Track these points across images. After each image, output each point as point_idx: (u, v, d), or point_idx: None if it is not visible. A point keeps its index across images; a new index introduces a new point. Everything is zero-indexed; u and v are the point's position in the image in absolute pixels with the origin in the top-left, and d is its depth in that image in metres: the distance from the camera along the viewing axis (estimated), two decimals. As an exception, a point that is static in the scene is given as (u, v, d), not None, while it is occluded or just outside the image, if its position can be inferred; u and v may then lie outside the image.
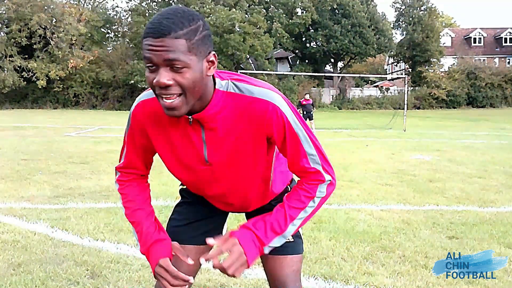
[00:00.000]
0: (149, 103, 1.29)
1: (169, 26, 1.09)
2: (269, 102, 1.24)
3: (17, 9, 29.48)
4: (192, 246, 1.51)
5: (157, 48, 1.09)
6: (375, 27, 37.11)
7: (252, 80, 1.29)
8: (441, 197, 5.02)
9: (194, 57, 1.12)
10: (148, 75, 1.14)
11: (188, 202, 1.59)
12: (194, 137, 1.28)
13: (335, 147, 10.29)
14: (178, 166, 1.38)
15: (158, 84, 1.10)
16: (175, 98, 1.13)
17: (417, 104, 36.60)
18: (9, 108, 29.97)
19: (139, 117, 1.32)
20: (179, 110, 1.15)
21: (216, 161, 1.32)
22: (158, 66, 1.10)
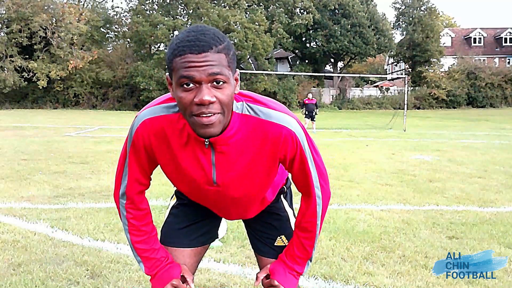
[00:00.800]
0: (155, 121, 1.25)
1: (209, 41, 1.08)
2: (285, 127, 1.25)
3: (18, 9, 29.46)
4: (189, 249, 1.52)
5: (201, 63, 1.07)
6: (375, 27, 37.10)
7: (267, 102, 1.28)
8: (441, 197, 5.01)
9: (230, 72, 1.13)
10: (183, 95, 1.10)
11: (184, 204, 1.58)
12: (203, 159, 1.26)
13: (335, 147, 10.29)
14: (183, 184, 1.38)
15: (202, 102, 1.07)
16: (214, 116, 1.11)
17: (417, 104, 36.59)
18: (9, 108, 29.95)
19: (144, 135, 1.27)
20: (216, 127, 1.13)
21: (225, 183, 1.32)
22: (200, 83, 1.08)
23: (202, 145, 1.23)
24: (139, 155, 1.32)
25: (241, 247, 3.26)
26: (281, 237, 1.56)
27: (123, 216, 1.43)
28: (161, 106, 1.27)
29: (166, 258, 1.45)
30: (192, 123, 1.14)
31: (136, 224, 1.41)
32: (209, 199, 1.41)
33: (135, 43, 33.76)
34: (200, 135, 1.17)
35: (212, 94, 1.09)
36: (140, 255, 1.43)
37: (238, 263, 2.96)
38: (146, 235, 1.42)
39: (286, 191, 1.63)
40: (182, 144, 1.25)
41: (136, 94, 31.87)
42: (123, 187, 1.39)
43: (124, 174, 1.37)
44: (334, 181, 5.88)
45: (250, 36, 31.10)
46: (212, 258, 3.03)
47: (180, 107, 1.14)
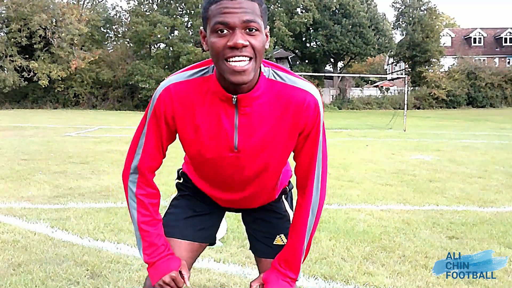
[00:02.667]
0: (179, 86, 1.26)
1: None
2: (310, 94, 1.26)
3: (17, 8, 29.45)
4: (187, 242, 1.49)
5: (235, 10, 1.10)
6: (375, 27, 37.10)
7: (291, 72, 1.30)
8: (441, 197, 5.01)
9: (262, 23, 1.15)
10: (216, 40, 1.12)
11: (186, 195, 1.56)
12: (225, 122, 1.26)
13: (335, 147, 10.29)
14: (202, 153, 1.33)
15: (236, 45, 1.09)
16: (247, 62, 1.12)
17: (417, 104, 36.60)
18: (9, 108, 29.95)
19: (167, 100, 1.26)
20: (248, 74, 1.14)
21: (246, 148, 1.30)
22: (233, 28, 1.10)
23: (226, 106, 1.23)
24: (159, 124, 1.30)
25: (241, 247, 3.26)
26: (280, 235, 1.55)
27: (131, 193, 1.38)
28: (185, 73, 1.28)
29: (167, 247, 1.41)
30: (224, 70, 1.14)
31: (146, 201, 1.37)
32: (226, 170, 1.36)
33: (134, 43, 33.77)
34: (232, 82, 1.16)
35: (245, 39, 1.11)
36: (143, 238, 1.38)
37: (238, 263, 2.96)
38: (152, 217, 1.38)
39: (288, 193, 1.63)
40: (206, 107, 1.25)
41: (137, 94, 31.89)
42: (136, 160, 1.35)
43: (139, 146, 1.34)
44: (334, 181, 5.88)
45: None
46: (212, 258, 3.03)
47: (213, 53, 1.14)
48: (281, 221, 1.57)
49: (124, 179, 1.40)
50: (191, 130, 1.29)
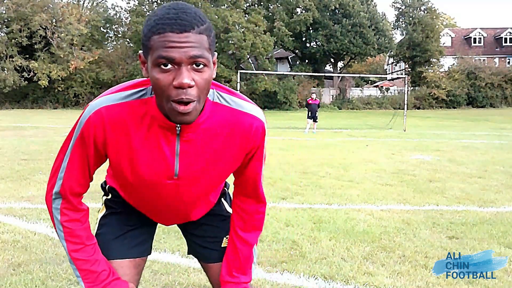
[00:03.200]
0: (113, 109, 1.14)
1: (191, 21, 1.02)
2: (257, 118, 1.23)
3: (17, 9, 29.48)
4: (128, 260, 1.40)
5: (182, 44, 1.00)
6: (375, 27, 37.11)
7: (235, 93, 1.25)
8: (441, 197, 5.01)
9: (210, 55, 1.07)
10: (160, 77, 1.02)
11: (115, 213, 1.45)
12: (166, 149, 1.18)
13: (335, 147, 10.29)
14: (137, 180, 1.24)
15: (181, 85, 1.01)
16: (190, 104, 1.04)
17: (417, 104, 36.61)
18: (9, 108, 29.97)
19: (98, 124, 1.14)
20: (191, 116, 1.07)
21: (187, 175, 1.23)
22: (179, 64, 1.01)
23: (167, 132, 1.15)
24: (85, 149, 1.18)
25: (241, 247, 3.25)
26: (227, 237, 1.50)
27: (56, 221, 1.25)
28: (119, 94, 1.16)
29: (110, 272, 1.29)
30: (167, 109, 1.06)
31: (73, 228, 1.25)
32: (161, 197, 1.29)
33: (134, 43, 33.77)
34: (175, 121, 1.10)
35: (191, 77, 1.02)
36: (79, 268, 1.25)
37: (238, 263, 2.96)
38: (84, 243, 1.26)
39: (226, 193, 1.58)
40: (143, 132, 1.16)
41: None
42: (58, 186, 1.23)
43: (61, 170, 1.22)
44: (334, 181, 5.89)
45: (248, 36, 31.09)
46: (212, 258, 3.02)
47: (156, 89, 1.05)
48: (226, 222, 1.51)
49: (48, 205, 1.27)
50: (125, 157, 1.19)
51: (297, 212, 4.29)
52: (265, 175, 5.31)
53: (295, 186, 5.56)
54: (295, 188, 5.40)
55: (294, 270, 2.85)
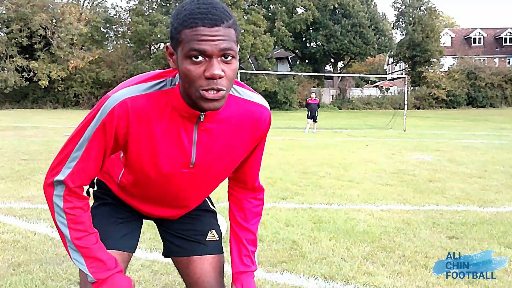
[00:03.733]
0: (136, 100, 1.17)
1: (221, 15, 1.07)
2: (265, 108, 1.31)
3: (17, 9, 29.49)
4: (117, 252, 1.37)
5: (213, 37, 1.05)
6: (375, 27, 37.11)
7: (243, 84, 1.31)
8: (441, 197, 5.01)
9: (237, 48, 1.12)
10: (192, 68, 1.07)
11: (105, 204, 1.45)
12: (184, 138, 1.22)
13: (335, 147, 10.29)
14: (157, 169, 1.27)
15: (213, 76, 1.06)
16: (220, 91, 1.10)
17: (417, 104, 36.62)
18: (9, 108, 29.97)
19: (123, 115, 1.16)
20: (220, 102, 1.11)
21: (202, 164, 1.28)
22: (210, 56, 1.06)
23: (186, 121, 1.20)
24: (105, 139, 1.18)
25: (241, 247, 3.26)
26: (212, 231, 1.52)
27: (58, 208, 1.22)
28: (141, 86, 1.19)
29: (115, 262, 1.27)
30: (196, 97, 1.10)
31: (77, 215, 1.23)
32: (175, 186, 1.32)
33: (134, 43, 33.77)
34: (202, 108, 1.13)
35: (221, 69, 1.07)
36: (85, 255, 1.23)
37: (238, 263, 2.96)
38: (87, 231, 1.24)
39: None
40: (164, 122, 1.20)
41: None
42: (64, 175, 1.20)
43: (71, 158, 1.20)
44: (334, 181, 5.89)
45: (248, 37, 31.09)
46: (212, 258, 3.02)
47: (187, 80, 1.09)
48: (211, 217, 1.56)
49: (48, 191, 1.23)
50: (146, 147, 1.22)
51: (297, 212, 4.29)
52: (265, 175, 5.35)
53: (295, 186, 5.56)
54: (295, 188, 5.40)
55: (294, 270, 2.85)
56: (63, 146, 1.23)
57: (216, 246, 1.52)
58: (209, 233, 1.51)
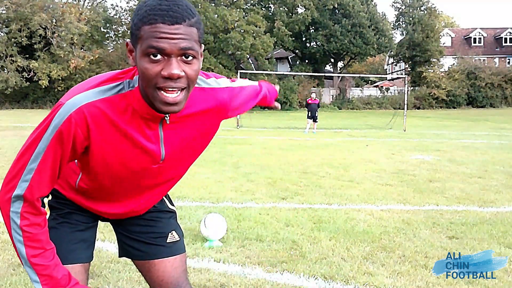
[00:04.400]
0: (94, 106, 1.12)
1: (182, 13, 1.03)
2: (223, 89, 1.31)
3: (17, 9, 29.47)
4: (79, 265, 1.36)
5: (173, 36, 1.01)
6: (375, 27, 37.11)
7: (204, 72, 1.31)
8: (441, 197, 5.01)
9: (199, 48, 1.09)
10: (149, 66, 1.03)
11: (61, 215, 1.39)
12: (150, 137, 1.20)
13: (335, 147, 10.29)
14: (122, 170, 1.25)
15: (171, 76, 1.02)
16: (179, 93, 1.07)
17: (417, 104, 36.61)
18: (9, 108, 29.96)
19: (80, 123, 1.11)
20: (180, 105, 1.09)
21: (171, 158, 1.27)
22: (169, 55, 1.03)
23: (149, 122, 1.17)
24: (62, 148, 1.13)
25: (241, 247, 3.26)
26: (172, 232, 1.49)
27: (14, 225, 1.16)
28: (96, 91, 1.14)
29: (69, 277, 1.23)
30: (154, 98, 1.07)
31: (34, 232, 1.17)
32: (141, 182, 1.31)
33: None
34: (161, 111, 1.11)
35: (181, 69, 1.04)
36: (39, 273, 1.18)
37: (238, 263, 2.96)
38: (44, 248, 1.20)
39: None
40: (126, 125, 1.16)
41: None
42: (22, 189, 1.14)
43: (27, 170, 1.14)
44: (334, 181, 5.89)
45: (248, 38, 31.10)
46: (212, 258, 3.03)
47: (144, 78, 1.06)
48: (170, 218, 1.53)
49: (3, 208, 1.17)
50: (111, 150, 1.19)
51: (297, 212, 4.29)
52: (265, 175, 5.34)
53: (295, 186, 5.56)
54: (295, 188, 5.40)
55: (294, 270, 2.85)
56: (17, 158, 1.16)
57: (177, 247, 1.49)
58: (169, 234, 1.49)
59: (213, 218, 3.37)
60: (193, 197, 4.78)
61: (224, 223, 3.38)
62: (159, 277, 1.45)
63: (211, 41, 31.36)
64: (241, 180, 5.87)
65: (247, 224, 3.81)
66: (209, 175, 6.18)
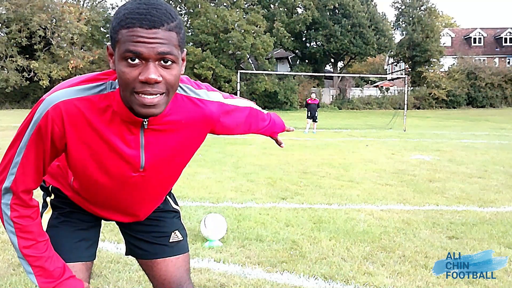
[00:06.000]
0: (71, 104, 1.11)
1: (161, 17, 1.01)
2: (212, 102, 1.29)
3: (17, 9, 29.46)
4: (80, 263, 1.36)
5: (151, 40, 1.00)
6: (375, 27, 37.10)
7: (191, 81, 1.28)
8: (441, 197, 5.02)
9: (180, 52, 1.08)
10: (126, 71, 1.02)
11: (64, 214, 1.40)
12: (130, 142, 1.18)
13: (335, 147, 10.29)
14: (100, 176, 1.23)
15: (148, 80, 1.01)
16: (158, 96, 1.05)
17: (417, 104, 36.60)
18: (9, 108, 29.95)
19: (57, 120, 1.11)
20: (159, 108, 1.07)
21: (153, 167, 1.24)
22: (147, 60, 1.01)
23: (130, 126, 1.15)
24: (43, 143, 1.14)
25: (241, 247, 3.26)
26: (175, 232, 1.50)
27: (6, 217, 1.20)
28: (76, 89, 1.13)
29: (63, 269, 1.25)
30: (132, 101, 1.05)
31: (25, 224, 1.20)
32: (125, 191, 1.28)
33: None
34: (140, 114, 1.09)
35: (159, 73, 1.02)
36: (32, 264, 1.21)
37: (238, 263, 2.96)
38: (36, 240, 1.21)
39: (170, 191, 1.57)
40: (105, 126, 1.14)
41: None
42: (9, 182, 1.17)
43: (13, 164, 1.16)
44: (334, 181, 5.89)
45: (248, 37, 31.10)
46: (212, 258, 3.03)
47: (121, 82, 1.05)
48: (174, 217, 1.53)
49: None
50: (86, 153, 1.17)
51: (297, 212, 4.29)
52: (265, 175, 5.35)
53: (295, 186, 5.56)
54: (295, 188, 5.40)
55: (294, 270, 2.85)
56: (6, 151, 1.19)
57: (180, 247, 1.49)
58: (172, 234, 1.49)
59: (213, 218, 3.37)
60: (193, 197, 4.78)
61: (224, 223, 3.38)
62: (161, 276, 1.46)
63: (212, 41, 31.34)
64: (241, 180, 5.87)
65: (247, 224, 3.81)
66: (209, 175, 6.18)
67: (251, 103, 1.53)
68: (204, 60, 29.92)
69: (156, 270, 1.47)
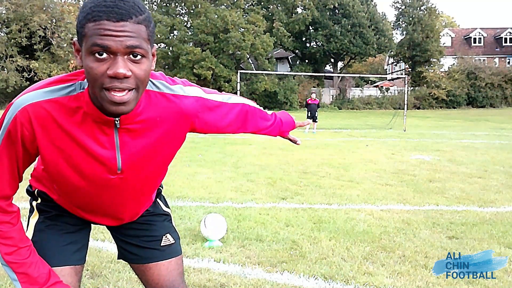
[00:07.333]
0: (39, 106, 1.09)
1: (129, 10, 0.98)
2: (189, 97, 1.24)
3: (16, 9, 29.45)
4: (69, 267, 1.33)
5: (118, 33, 0.97)
6: (375, 27, 37.12)
7: (164, 77, 1.24)
8: (441, 197, 5.01)
9: (149, 46, 1.05)
10: (94, 66, 0.98)
11: (51, 218, 1.36)
12: (104, 143, 1.14)
13: (335, 147, 10.29)
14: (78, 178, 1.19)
15: (116, 75, 0.98)
16: (128, 92, 1.02)
17: (417, 104, 36.61)
18: (9, 108, 29.95)
19: (25, 123, 1.09)
20: (129, 105, 1.04)
21: (130, 168, 1.20)
22: (115, 54, 0.98)
23: (103, 126, 1.11)
24: (14, 148, 1.12)
25: (241, 247, 3.26)
26: (166, 235, 1.48)
27: None
28: (44, 91, 1.11)
29: (48, 275, 1.22)
30: (102, 98, 1.02)
31: (4, 230, 1.17)
32: (106, 194, 1.25)
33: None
34: (110, 112, 1.05)
35: (128, 68, 0.99)
36: (15, 271, 1.18)
37: (238, 263, 2.96)
38: (17, 246, 1.19)
39: (160, 193, 1.55)
40: (76, 128, 1.11)
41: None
42: None
43: None
44: (334, 181, 5.89)
45: (248, 37, 31.11)
46: (212, 258, 3.03)
47: (89, 78, 1.01)
48: (165, 221, 1.51)
49: None
50: (59, 156, 1.14)
51: (297, 212, 4.29)
52: (265, 175, 5.35)
53: (295, 186, 5.56)
54: (295, 188, 5.40)
55: (294, 270, 2.85)
56: None
57: (172, 250, 1.47)
58: (163, 238, 1.47)
59: (213, 218, 3.37)
60: (193, 197, 4.78)
61: (224, 223, 3.38)
62: (154, 281, 1.44)
63: (212, 41, 31.34)
64: (241, 180, 5.87)
65: (247, 224, 3.81)
66: (209, 175, 6.18)
67: (247, 101, 1.46)
68: (204, 60, 29.92)
69: (148, 275, 1.45)
